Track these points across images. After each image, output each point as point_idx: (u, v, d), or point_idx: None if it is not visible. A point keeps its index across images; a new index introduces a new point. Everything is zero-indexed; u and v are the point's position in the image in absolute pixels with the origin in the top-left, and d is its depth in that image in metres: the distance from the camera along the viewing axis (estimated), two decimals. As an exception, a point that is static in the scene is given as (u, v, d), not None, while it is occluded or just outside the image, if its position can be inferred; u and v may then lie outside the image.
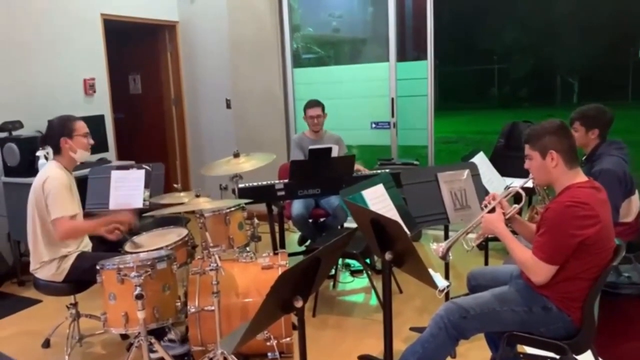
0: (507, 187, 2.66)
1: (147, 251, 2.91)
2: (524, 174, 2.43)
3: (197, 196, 2.86)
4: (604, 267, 2.13)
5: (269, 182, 3.87)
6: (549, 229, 2.12)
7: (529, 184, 2.52)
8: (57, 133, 3.06)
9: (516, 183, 2.57)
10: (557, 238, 2.09)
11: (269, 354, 2.90)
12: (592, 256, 2.10)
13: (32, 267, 3.05)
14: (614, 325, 3.21)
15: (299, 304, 1.80)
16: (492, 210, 2.42)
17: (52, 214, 2.92)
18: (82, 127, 3.11)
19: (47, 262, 2.99)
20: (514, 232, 2.42)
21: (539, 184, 2.38)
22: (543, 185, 2.44)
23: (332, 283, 4.17)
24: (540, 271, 2.14)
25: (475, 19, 21.02)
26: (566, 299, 2.16)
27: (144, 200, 3.53)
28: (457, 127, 15.59)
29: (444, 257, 2.46)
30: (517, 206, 2.45)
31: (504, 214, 2.39)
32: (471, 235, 2.53)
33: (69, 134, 3.05)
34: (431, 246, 2.47)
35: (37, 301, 4.00)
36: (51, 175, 2.96)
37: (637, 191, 3.28)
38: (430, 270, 2.14)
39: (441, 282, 2.22)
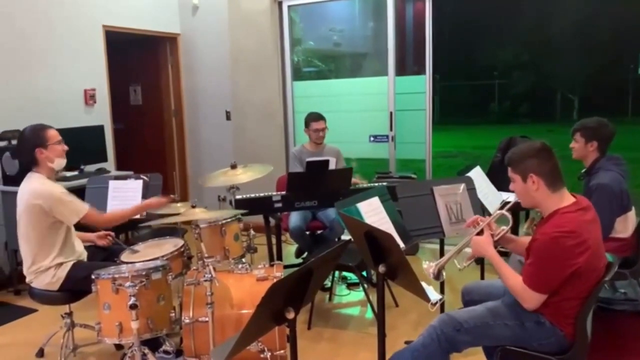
0: (503, 202, 2.66)
1: (143, 261, 2.91)
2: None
3: (193, 207, 2.87)
4: (596, 285, 2.13)
5: (266, 194, 3.88)
6: (538, 260, 2.11)
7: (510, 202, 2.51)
8: (31, 144, 2.98)
9: (512, 198, 2.57)
10: (547, 270, 2.09)
11: (263, 366, 2.89)
12: (583, 280, 2.10)
13: (27, 278, 3.05)
14: (608, 341, 3.20)
15: (290, 315, 1.80)
16: (481, 232, 2.41)
17: (79, 213, 2.94)
18: (54, 135, 3.04)
19: (43, 270, 2.98)
20: (504, 254, 2.40)
21: (525, 206, 2.36)
22: (529, 207, 2.41)
23: (328, 296, 4.16)
24: (530, 299, 2.13)
25: (477, 35, 21.14)
26: (559, 314, 2.16)
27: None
28: (458, 142, 15.61)
29: (437, 277, 2.43)
30: (505, 228, 2.45)
31: (492, 235, 2.38)
32: (467, 250, 2.51)
33: (42, 143, 2.98)
34: (423, 266, 2.45)
35: (33, 310, 3.99)
36: (40, 187, 2.92)
37: (633, 207, 3.28)
38: (423, 283, 2.14)
39: (434, 295, 2.22)
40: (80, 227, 3.27)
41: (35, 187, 2.94)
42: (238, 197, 3.73)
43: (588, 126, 3.30)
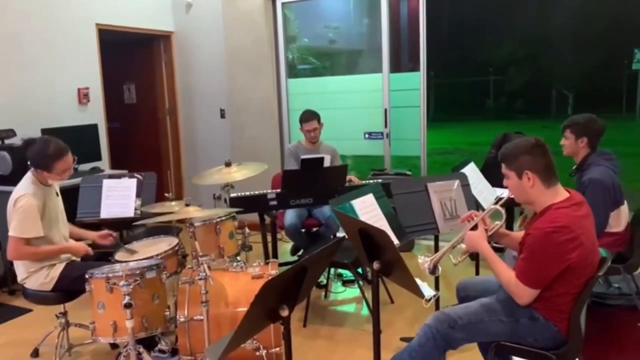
0: (498, 198, 2.66)
1: (137, 260, 2.91)
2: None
3: (187, 205, 2.86)
4: (589, 280, 2.13)
5: (261, 192, 3.88)
6: (531, 255, 2.11)
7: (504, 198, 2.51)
8: (38, 162, 2.97)
9: (506, 193, 2.57)
10: (540, 265, 2.08)
11: (259, 364, 2.89)
12: (576, 275, 2.10)
13: (19, 278, 3.04)
14: (603, 336, 3.22)
15: (284, 313, 1.79)
16: (475, 227, 2.41)
17: (10, 230, 2.91)
18: (64, 164, 2.99)
19: (35, 270, 2.97)
20: (499, 250, 2.40)
21: (519, 202, 2.36)
22: (524, 203, 2.42)
23: (323, 293, 4.16)
24: (524, 294, 2.13)
25: (472, 32, 21.15)
26: (553, 310, 2.16)
27: (136, 209, 3.54)
28: (453, 138, 15.62)
29: (432, 272, 2.43)
30: (499, 223, 2.45)
31: (486, 230, 2.38)
32: (462, 245, 2.51)
33: (48, 169, 2.97)
34: (418, 260, 2.45)
35: (28, 310, 3.98)
36: (26, 194, 2.92)
37: (626, 202, 3.29)
38: (418, 280, 2.14)
39: (428, 291, 2.23)
40: (84, 225, 3.30)
41: (21, 191, 2.95)
42: (233, 195, 3.72)
43: (577, 122, 3.31)
